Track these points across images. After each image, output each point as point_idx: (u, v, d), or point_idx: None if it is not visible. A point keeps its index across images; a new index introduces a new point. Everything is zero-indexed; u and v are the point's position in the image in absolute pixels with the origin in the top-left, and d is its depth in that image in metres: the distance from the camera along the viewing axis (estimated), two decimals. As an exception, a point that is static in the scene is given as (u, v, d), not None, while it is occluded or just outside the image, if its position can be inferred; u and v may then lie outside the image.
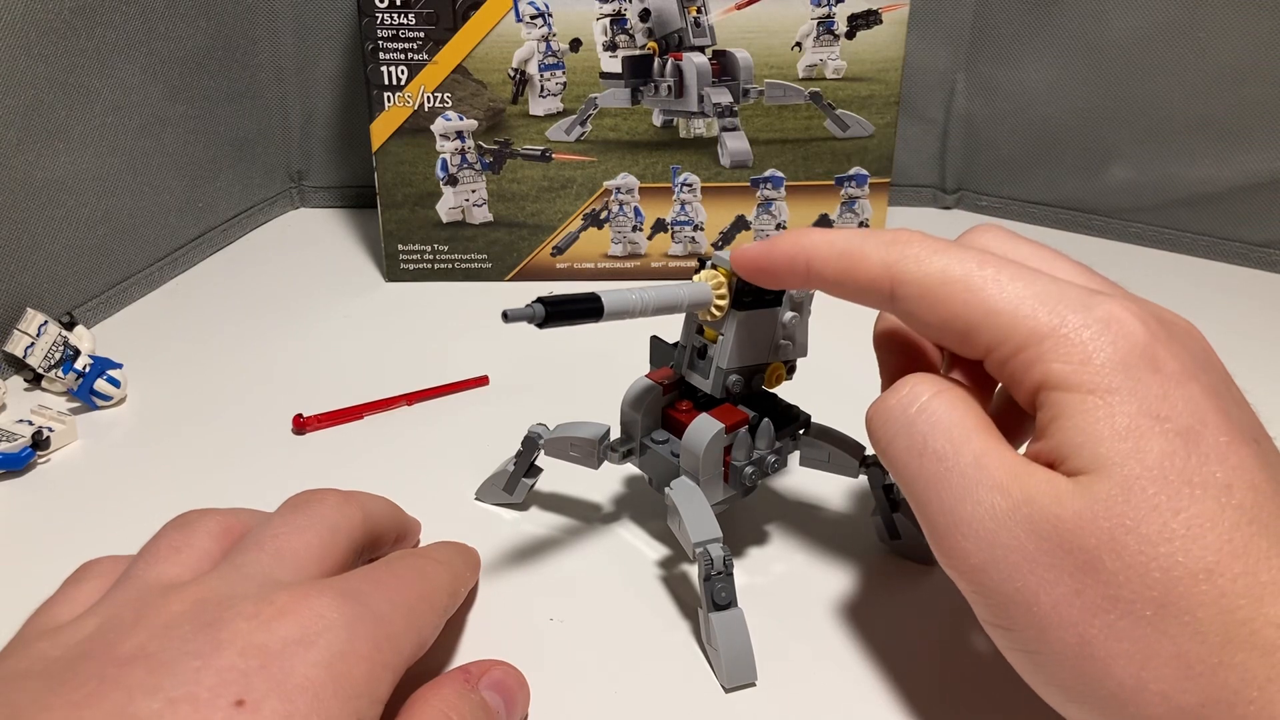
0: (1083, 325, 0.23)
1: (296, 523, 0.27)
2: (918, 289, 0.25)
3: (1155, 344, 0.23)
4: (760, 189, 0.57)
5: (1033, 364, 0.24)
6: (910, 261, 0.26)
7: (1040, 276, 0.24)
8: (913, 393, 0.26)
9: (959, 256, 0.25)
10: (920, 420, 0.25)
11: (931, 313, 0.25)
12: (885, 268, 0.26)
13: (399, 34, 0.53)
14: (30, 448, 0.39)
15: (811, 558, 0.35)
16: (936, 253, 0.25)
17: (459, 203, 0.57)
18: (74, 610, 0.24)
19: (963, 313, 0.25)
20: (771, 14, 0.54)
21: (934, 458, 0.24)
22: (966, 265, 0.25)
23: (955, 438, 0.24)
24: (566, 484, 0.38)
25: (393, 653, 0.24)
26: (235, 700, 0.20)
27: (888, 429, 0.26)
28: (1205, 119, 0.60)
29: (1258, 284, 0.59)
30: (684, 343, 0.33)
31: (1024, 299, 0.24)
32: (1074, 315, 0.23)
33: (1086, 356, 0.23)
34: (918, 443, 0.25)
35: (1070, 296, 0.24)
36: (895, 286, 0.26)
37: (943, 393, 0.25)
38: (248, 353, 0.49)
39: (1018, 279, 0.24)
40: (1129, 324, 0.23)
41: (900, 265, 0.26)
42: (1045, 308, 0.24)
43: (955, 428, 0.24)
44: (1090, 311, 0.23)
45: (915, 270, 0.26)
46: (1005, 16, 0.64)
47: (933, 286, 0.25)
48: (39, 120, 0.46)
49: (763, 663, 0.29)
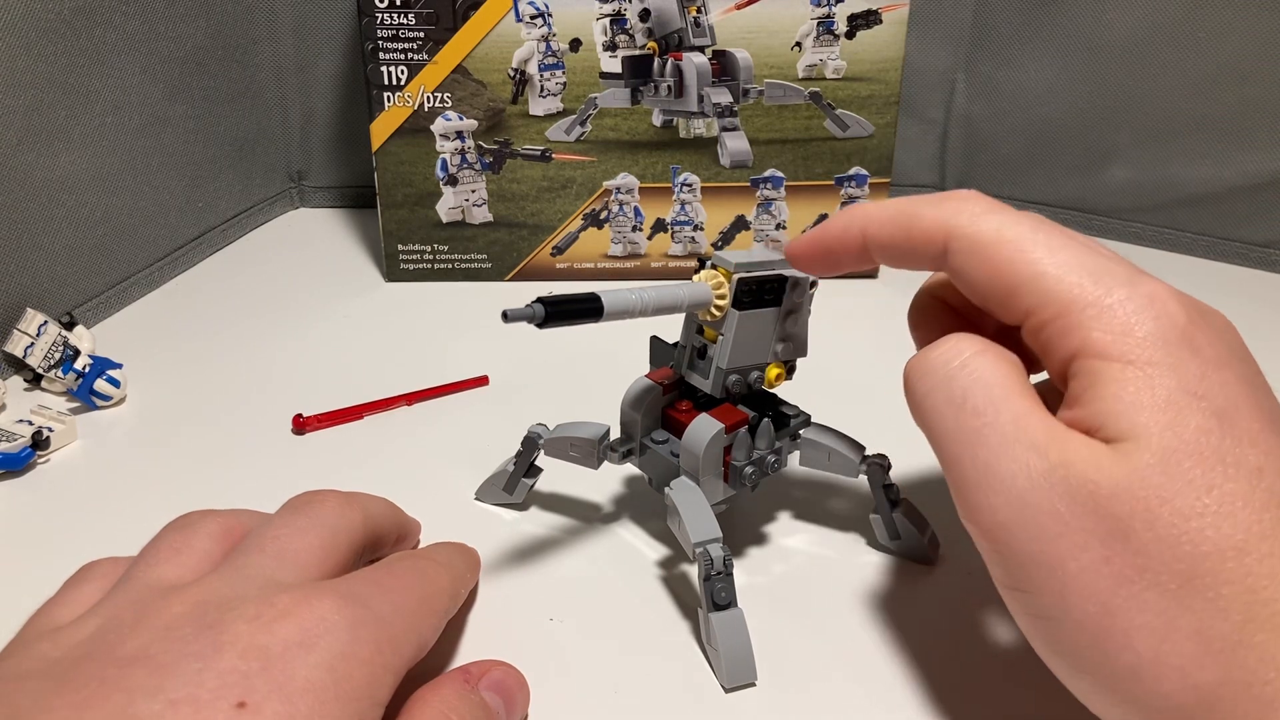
0: (1127, 298, 0.23)
1: (298, 524, 0.27)
2: (970, 243, 0.26)
3: (1194, 328, 0.23)
4: (760, 189, 0.57)
5: (1072, 330, 0.24)
6: (965, 216, 0.26)
7: (1090, 249, 0.25)
8: (956, 348, 0.26)
9: (1014, 218, 0.26)
10: (962, 375, 0.25)
11: (981, 269, 0.26)
12: (940, 223, 0.26)
13: (399, 34, 0.53)
14: (30, 448, 0.39)
15: (811, 558, 0.35)
16: (991, 211, 0.26)
17: (459, 203, 0.57)
18: (74, 611, 0.24)
19: (1009, 271, 0.25)
20: (771, 14, 0.54)
21: (972, 413, 0.24)
22: (1020, 227, 0.25)
23: (996, 396, 0.24)
24: (566, 484, 0.38)
25: (394, 655, 0.24)
26: (236, 702, 0.20)
27: (927, 381, 0.26)
28: (1205, 119, 0.60)
29: (1258, 284, 0.59)
30: (684, 343, 0.33)
31: (1071, 266, 0.24)
32: (1120, 288, 0.24)
33: (1129, 328, 0.23)
34: (957, 396, 0.25)
35: (1117, 271, 0.24)
36: (950, 240, 0.26)
37: (986, 351, 0.25)
38: (248, 353, 0.49)
39: (1068, 247, 0.25)
40: (1171, 305, 0.23)
41: (955, 220, 0.26)
42: (1092, 278, 0.24)
43: (997, 386, 0.24)
44: (1135, 287, 0.24)
45: (969, 226, 0.26)
46: (1005, 16, 0.64)
47: (986, 243, 0.25)
48: (39, 120, 0.46)
49: (762, 663, 0.29)
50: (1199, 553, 0.21)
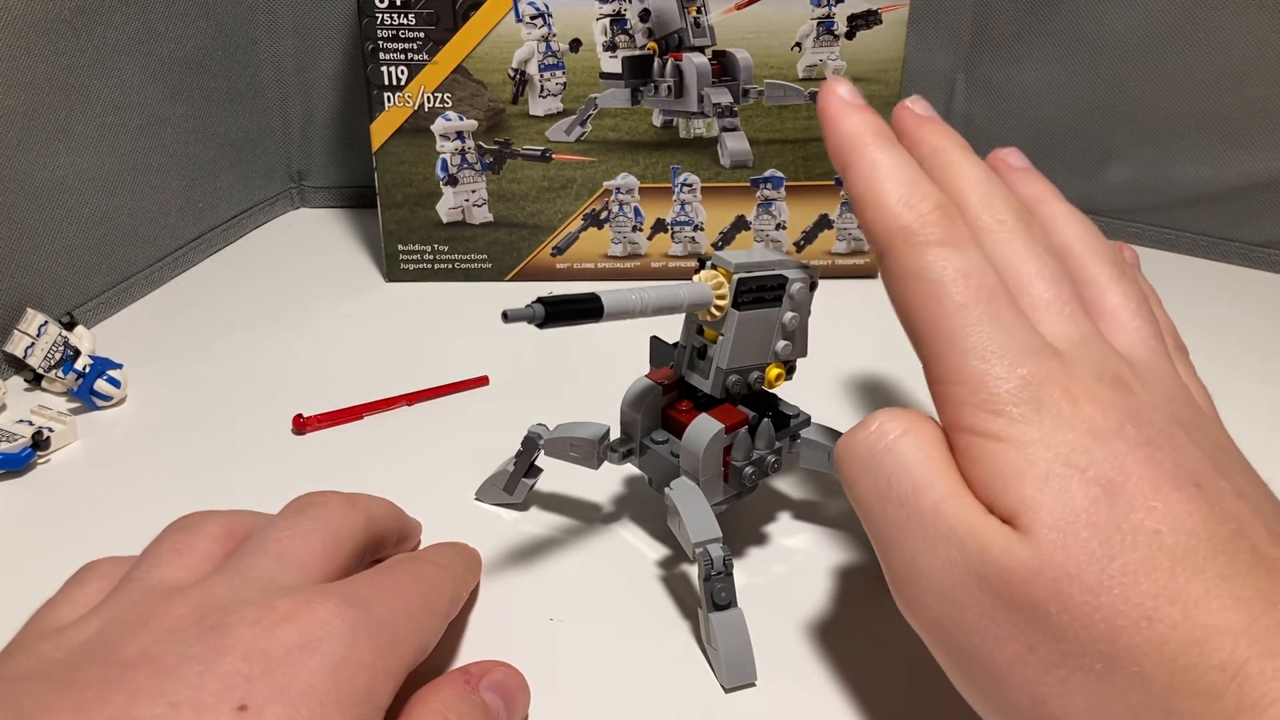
0: (1002, 378, 0.23)
1: (300, 526, 0.27)
2: (897, 269, 0.26)
3: (1075, 404, 0.23)
4: (760, 189, 0.57)
5: (948, 402, 0.24)
6: (907, 238, 0.25)
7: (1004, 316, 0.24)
8: (881, 429, 0.25)
9: (950, 262, 0.25)
10: (887, 459, 0.25)
11: (894, 298, 0.26)
12: (887, 231, 0.26)
13: (399, 34, 0.53)
14: (30, 448, 0.39)
15: (811, 558, 0.35)
16: (939, 245, 0.25)
17: (459, 203, 0.57)
18: (76, 612, 0.24)
19: (913, 317, 0.25)
20: (771, 14, 0.54)
21: (897, 503, 0.24)
22: (945, 274, 0.25)
23: (919, 482, 0.24)
24: (566, 484, 0.38)
25: (394, 659, 0.24)
26: (238, 705, 0.20)
27: (854, 465, 0.26)
28: (1205, 119, 0.60)
29: (1258, 284, 0.59)
30: (684, 343, 0.33)
31: (967, 333, 0.24)
32: (1001, 366, 0.23)
33: (998, 408, 0.23)
34: (882, 484, 0.25)
35: (1011, 345, 0.24)
36: (884, 256, 0.26)
37: (911, 431, 0.25)
38: (248, 353, 0.49)
39: (974, 310, 0.24)
40: (1051, 383, 0.23)
41: (898, 237, 0.26)
42: (977, 353, 0.24)
43: (919, 470, 0.24)
44: (1017, 366, 0.23)
45: (904, 251, 0.25)
46: (1005, 16, 0.64)
47: (908, 277, 0.25)
48: (39, 120, 0.46)
49: (762, 663, 0.30)
50: (1114, 628, 0.21)
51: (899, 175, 0.26)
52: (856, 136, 0.28)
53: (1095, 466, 0.22)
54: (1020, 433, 0.23)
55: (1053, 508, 0.22)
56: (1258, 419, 0.44)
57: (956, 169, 0.28)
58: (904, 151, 0.27)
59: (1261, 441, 0.28)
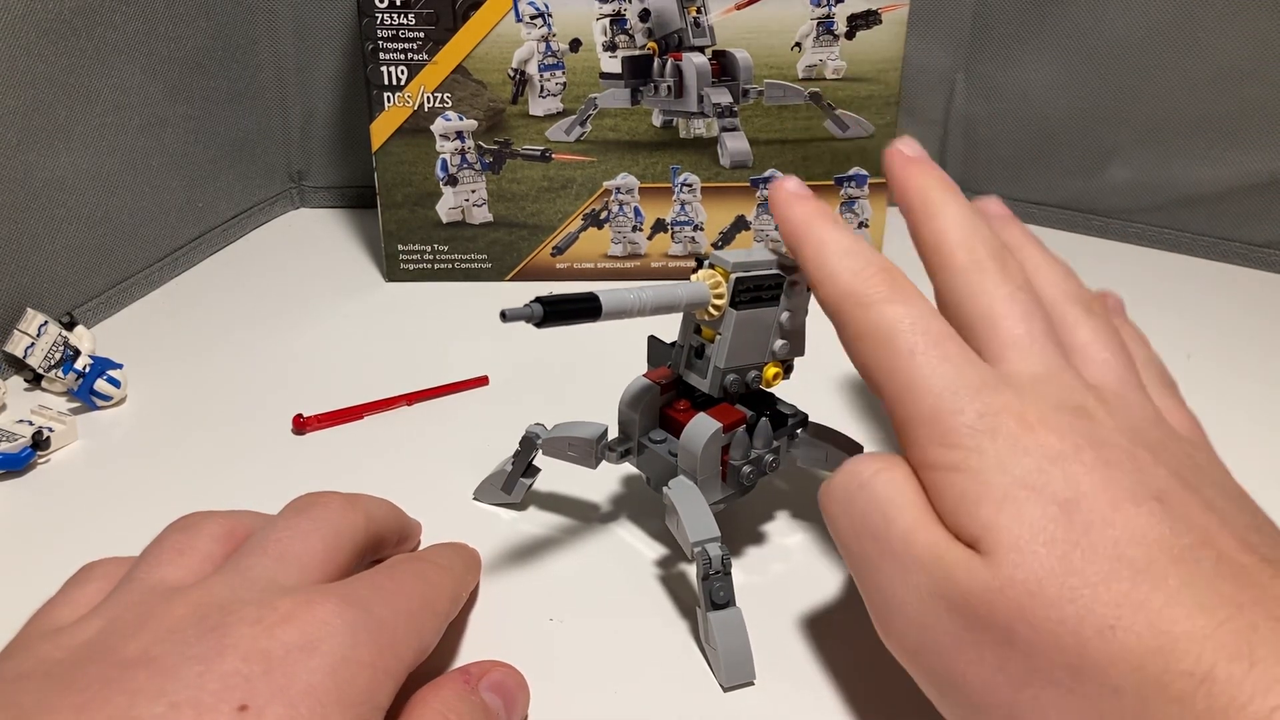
0: (959, 411, 0.24)
1: (300, 527, 0.27)
2: (850, 331, 0.27)
3: (1032, 432, 0.24)
4: (760, 189, 0.57)
5: (911, 443, 0.25)
6: (856, 301, 0.27)
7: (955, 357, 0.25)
8: (855, 470, 0.27)
9: (896, 315, 0.26)
10: (860, 498, 0.26)
11: (853, 357, 0.27)
12: (838, 298, 0.28)
13: (399, 34, 0.53)
14: (30, 448, 0.39)
15: (810, 557, 0.35)
16: (885, 302, 0.27)
17: (459, 203, 0.57)
18: (76, 612, 0.24)
19: (871, 371, 0.27)
20: (771, 14, 0.54)
21: (870, 537, 0.25)
22: (894, 327, 0.26)
23: (889, 514, 0.25)
24: (565, 484, 0.38)
25: (394, 659, 0.24)
26: (238, 705, 0.21)
27: (833, 506, 0.27)
28: (1205, 119, 0.60)
29: (1258, 284, 0.59)
30: (682, 342, 0.33)
31: (922, 376, 0.25)
32: (955, 401, 0.24)
33: (955, 441, 0.24)
34: (857, 520, 0.26)
35: (965, 383, 0.25)
36: (838, 322, 0.28)
37: (883, 471, 0.26)
38: (248, 353, 0.50)
39: (925, 355, 0.25)
40: (1008, 414, 0.24)
41: (847, 302, 0.27)
42: (934, 393, 0.25)
43: (889, 505, 0.25)
44: (973, 401, 0.24)
45: (854, 313, 0.27)
46: (1005, 16, 0.64)
47: (861, 335, 0.27)
48: (39, 120, 0.47)
49: (761, 662, 0.30)
50: (1080, 640, 0.21)
51: (842, 247, 0.28)
52: (804, 221, 0.29)
53: (1052, 486, 0.23)
54: (976, 462, 0.24)
55: (1010, 527, 0.22)
56: (1258, 419, 0.44)
57: (938, 208, 0.29)
58: (847, 228, 0.29)
59: (1261, 441, 0.28)
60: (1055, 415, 0.24)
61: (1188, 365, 0.29)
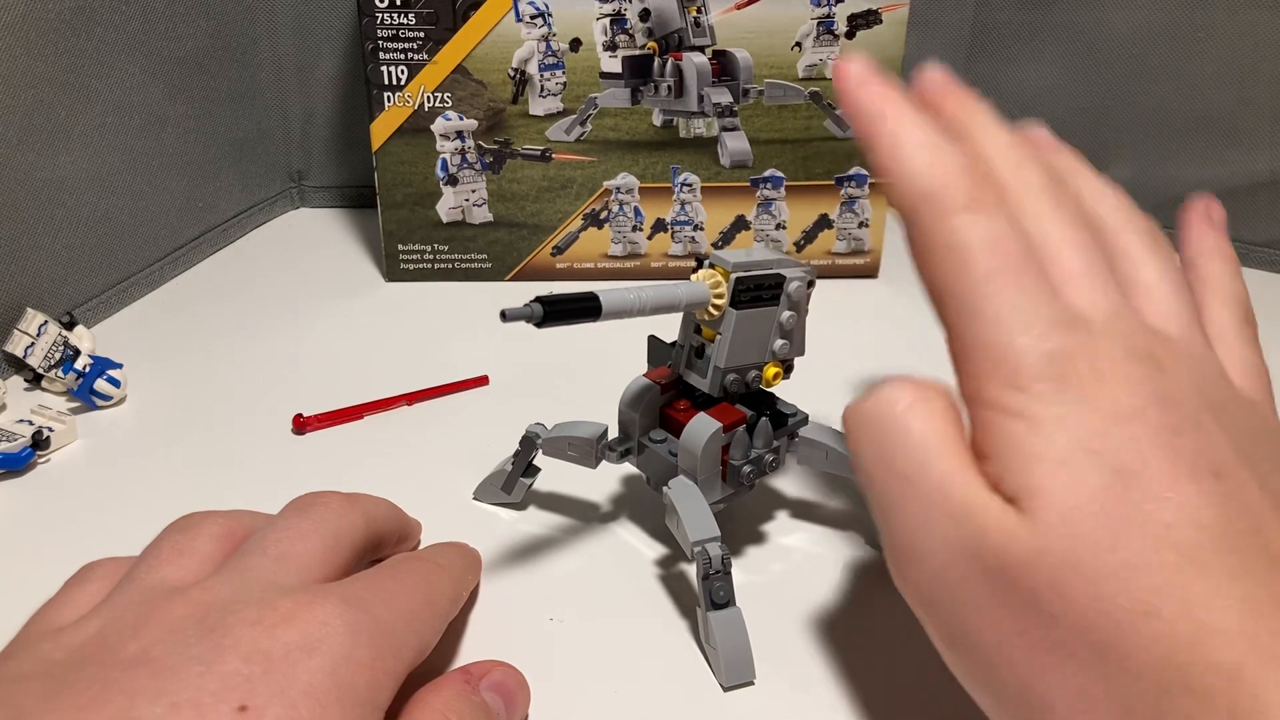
0: (1028, 351, 0.22)
1: (300, 527, 0.27)
2: (921, 237, 0.24)
3: (1101, 382, 0.22)
4: (760, 189, 0.57)
5: (970, 375, 0.23)
6: (931, 205, 0.24)
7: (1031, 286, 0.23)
8: (890, 399, 0.25)
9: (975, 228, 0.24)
10: (893, 431, 0.24)
11: (919, 266, 0.25)
12: (911, 198, 0.25)
13: (399, 34, 0.53)
14: (30, 448, 0.39)
15: (809, 556, 0.35)
16: (964, 210, 0.24)
17: (459, 203, 0.57)
18: (76, 612, 0.24)
19: (938, 285, 0.24)
20: (771, 14, 0.54)
21: (900, 476, 0.24)
22: (971, 241, 0.24)
23: (922, 458, 0.24)
24: (564, 484, 0.38)
25: (394, 659, 0.24)
26: (238, 706, 0.21)
27: (859, 435, 0.25)
28: (1205, 119, 0.60)
29: (1258, 284, 0.59)
30: (682, 342, 0.33)
31: (992, 303, 0.23)
32: (1025, 338, 0.23)
33: (1021, 384, 0.22)
34: (886, 456, 0.24)
35: (1039, 317, 0.23)
36: (908, 224, 0.25)
37: (919, 403, 0.24)
38: (248, 353, 0.50)
39: (1000, 279, 0.23)
40: (1079, 359, 0.22)
41: (923, 206, 0.24)
42: (1004, 324, 0.23)
43: (925, 445, 0.24)
44: (1044, 340, 0.22)
45: (928, 218, 0.24)
46: (1005, 16, 0.64)
47: (933, 244, 0.24)
48: (39, 120, 0.47)
49: (761, 661, 0.30)
50: (1110, 620, 0.20)
51: (920, 141, 0.25)
52: (875, 109, 0.26)
53: (1112, 452, 0.21)
54: (1040, 411, 0.22)
55: (1062, 495, 0.21)
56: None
57: (983, 133, 0.27)
58: (924, 117, 0.26)
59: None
60: (1126, 364, 0.23)
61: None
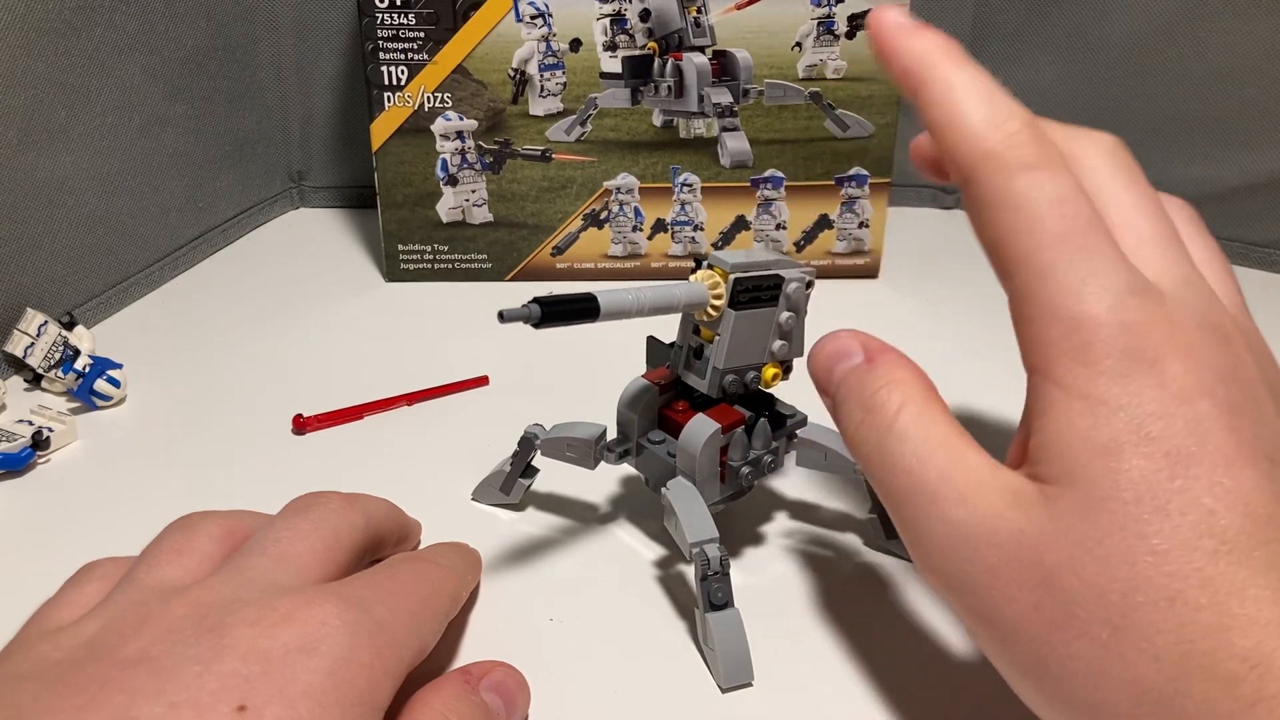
0: (1100, 323, 0.22)
1: (299, 527, 0.27)
2: (984, 197, 0.23)
3: (1172, 356, 0.21)
4: (760, 189, 0.57)
5: (1037, 344, 0.23)
6: (995, 162, 0.23)
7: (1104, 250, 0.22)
8: (879, 404, 0.25)
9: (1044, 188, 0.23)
10: (889, 439, 0.25)
11: (980, 228, 0.24)
12: (972, 155, 0.24)
13: (399, 34, 0.53)
14: (30, 448, 0.39)
15: (808, 557, 0.35)
16: (1030, 169, 0.23)
17: (459, 203, 0.57)
18: (75, 612, 0.25)
19: (1002, 248, 0.23)
20: (771, 14, 0.54)
21: (904, 473, 0.24)
22: (1039, 202, 0.23)
23: (922, 453, 0.24)
24: (563, 484, 0.38)
25: (394, 659, 0.24)
26: (237, 706, 0.21)
27: (861, 450, 0.26)
28: (1205, 119, 0.60)
29: (1258, 284, 0.59)
30: (680, 343, 0.33)
31: (1064, 268, 0.22)
32: (1098, 307, 0.22)
33: (1090, 358, 0.22)
34: (888, 462, 0.25)
35: (1112, 284, 0.22)
36: (968, 183, 0.24)
37: (906, 406, 0.25)
38: (248, 353, 0.50)
39: (1072, 242, 0.22)
40: (1151, 331, 0.22)
41: (985, 165, 0.23)
42: (1074, 291, 0.22)
43: (922, 444, 0.24)
44: (1117, 310, 0.22)
45: (991, 177, 0.23)
46: (1005, 16, 0.64)
47: (997, 204, 0.23)
48: (39, 120, 0.47)
49: (759, 663, 0.30)
50: (1130, 602, 0.20)
51: (979, 93, 0.24)
52: (925, 56, 0.25)
53: (1170, 435, 0.21)
54: (1104, 390, 0.21)
55: (1096, 484, 0.21)
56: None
57: None
58: (979, 68, 0.25)
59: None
60: (1199, 335, 0.22)
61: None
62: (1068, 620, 0.21)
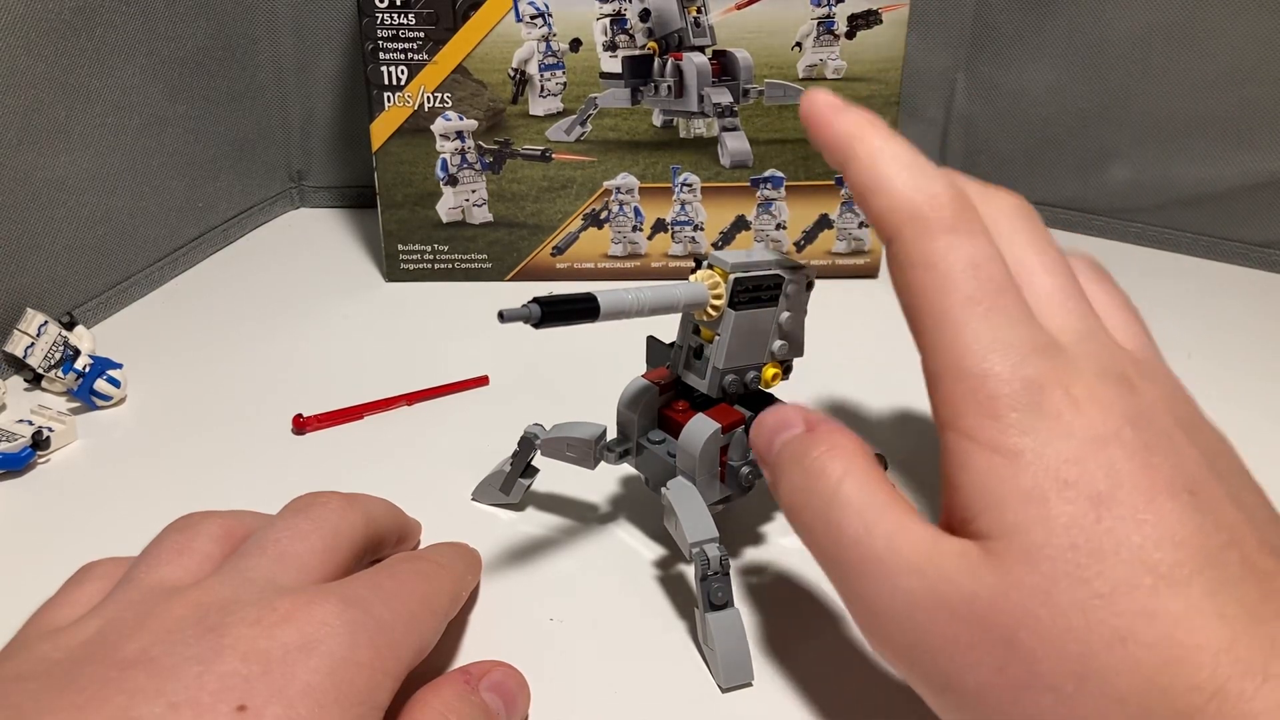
0: (1004, 379, 0.23)
1: (299, 527, 0.27)
2: (904, 256, 0.25)
3: (1075, 406, 0.22)
4: (760, 189, 0.57)
5: (946, 399, 0.24)
6: (916, 223, 0.24)
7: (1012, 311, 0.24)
8: (819, 472, 0.25)
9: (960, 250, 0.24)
10: (833, 508, 0.25)
11: (899, 285, 0.25)
12: (895, 216, 0.25)
13: (399, 34, 0.53)
14: (30, 448, 0.39)
15: (808, 557, 0.35)
16: (949, 231, 0.24)
17: (459, 203, 0.57)
18: (75, 612, 0.25)
19: (917, 306, 0.24)
20: (771, 14, 0.54)
21: (851, 544, 0.24)
22: (955, 263, 0.24)
23: (868, 520, 0.24)
24: (563, 484, 0.38)
25: (394, 659, 0.24)
26: (237, 706, 0.21)
27: (801, 519, 0.26)
28: (1205, 119, 0.60)
29: (1258, 284, 0.59)
30: (680, 343, 0.33)
31: (972, 328, 0.23)
32: (1003, 365, 0.23)
33: (997, 411, 0.23)
34: (834, 532, 0.25)
35: (1017, 343, 0.23)
36: (891, 242, 0.25)
37: (849, 474, 0.25)
38: (248, 353, 0.50)
39: (982, 305, 0.23)
40: (1054, 384, 0.23)
41: (907, 223, 0.25)
42: (981, 350, 0.23)
43: (866, 510, 0.24)
44: (1020, 367, 0.23)
45: (912, 237, 0.24)
46: (1005, 16, 0.64)
47: (916, 264, 0.24)
48: (39, 120, 0.47)
49: (759, 663, 0.30)
50: (1087, 649, 0.20)
51: (903, 159, 0.26)
52: (854, 127, 0.27)
53: (1086, 480, 0.22)
54: (1015, 442, 0.22)
55: (1032, 530, 0.21)
56: (1258, 419, 0.44)
57: None
58: (904, 139, 0.26)
59: (1262, 441, 0.28)
60: (1100, 386, 0.23)
61: (1188, 365, 0.29)
62: (1032, 679, 0.21)
